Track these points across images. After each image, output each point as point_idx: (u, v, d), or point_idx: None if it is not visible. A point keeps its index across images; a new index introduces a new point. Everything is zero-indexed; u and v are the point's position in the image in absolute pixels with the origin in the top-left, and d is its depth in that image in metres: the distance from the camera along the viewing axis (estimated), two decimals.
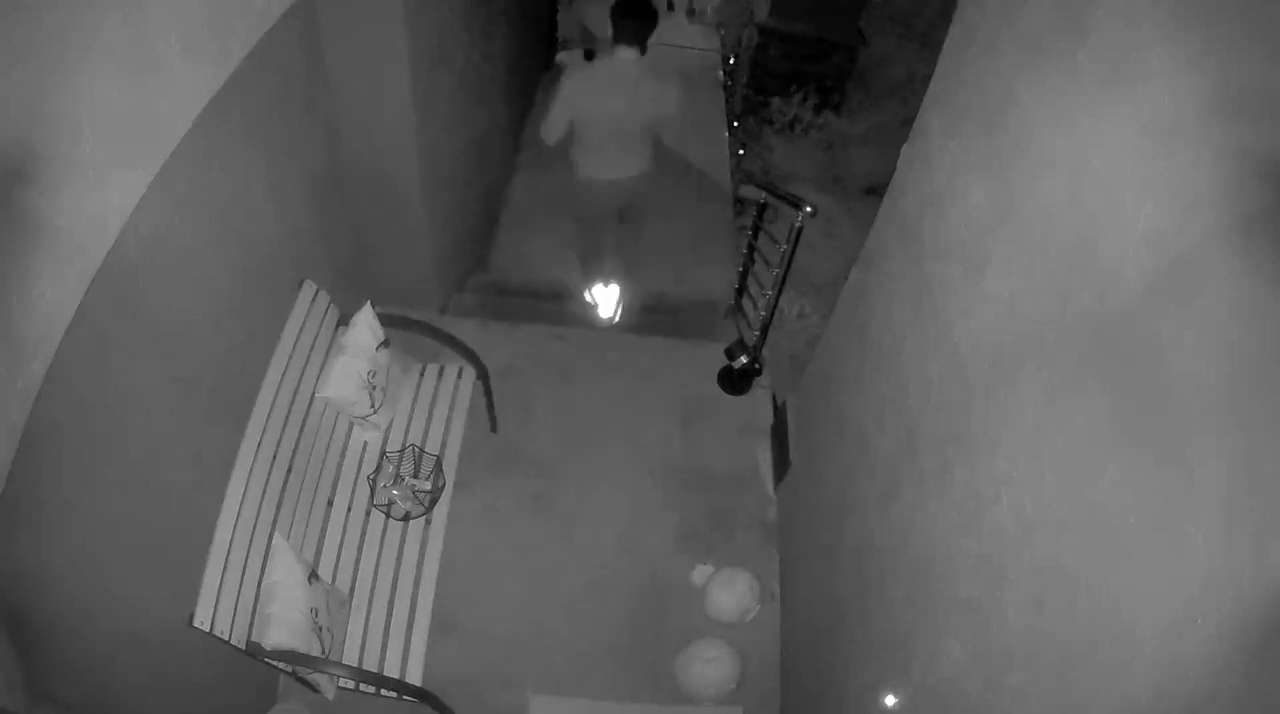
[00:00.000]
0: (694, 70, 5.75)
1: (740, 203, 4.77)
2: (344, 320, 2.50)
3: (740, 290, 3.55)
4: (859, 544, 2.02)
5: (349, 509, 2.39)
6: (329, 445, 2.42)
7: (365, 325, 2.41)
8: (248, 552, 1.97)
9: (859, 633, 1.93)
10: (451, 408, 2.63)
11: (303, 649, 1.93)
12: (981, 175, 1.56)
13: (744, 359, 3.20)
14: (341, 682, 2.12)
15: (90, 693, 1.56)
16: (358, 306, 2.44)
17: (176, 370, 1.74)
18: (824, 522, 2.38)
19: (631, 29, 2.75)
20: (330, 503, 2.37)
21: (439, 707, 2.13)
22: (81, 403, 1.41)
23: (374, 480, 2.45)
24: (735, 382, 3.30)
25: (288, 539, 2.08)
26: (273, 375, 2.17)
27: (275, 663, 1.94)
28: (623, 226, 3.37)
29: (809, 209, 2.70)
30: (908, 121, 2.01)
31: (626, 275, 3.57)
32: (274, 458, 2.12)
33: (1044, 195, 1.32)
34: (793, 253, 2.86)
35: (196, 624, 1.80)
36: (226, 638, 1.85)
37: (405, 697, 2.09)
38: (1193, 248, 0.96)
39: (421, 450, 2.52)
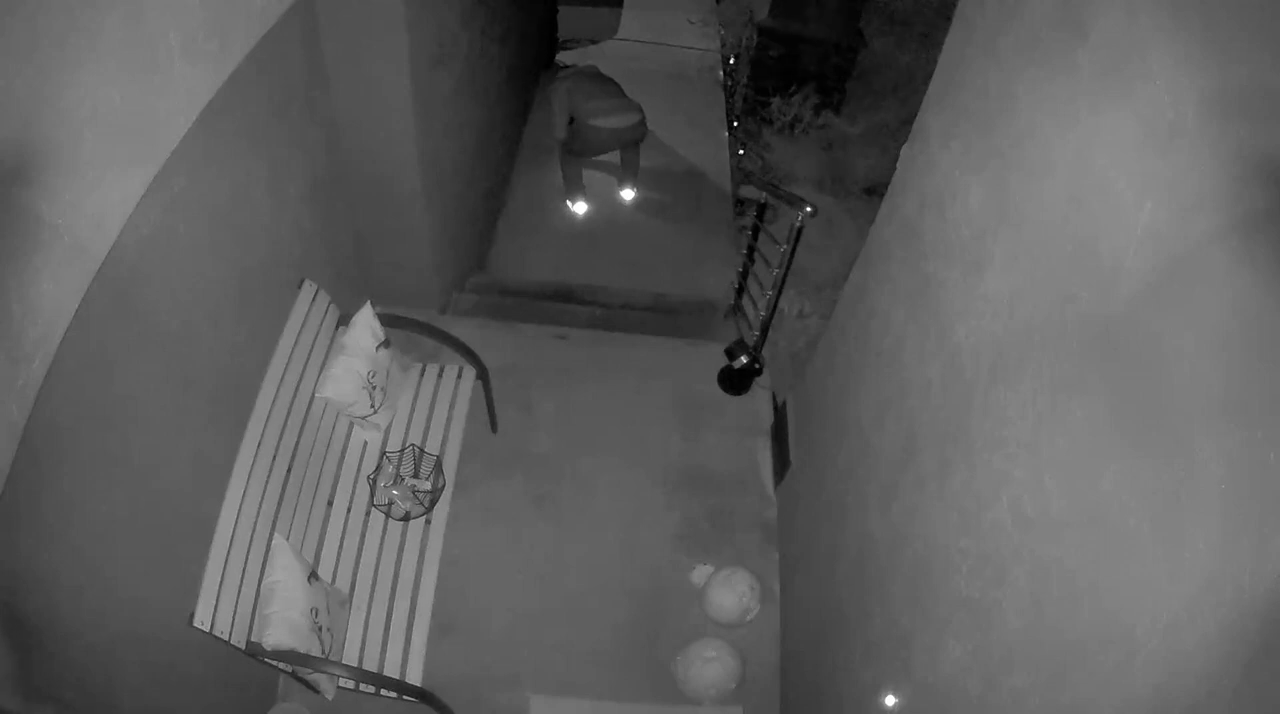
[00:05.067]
0: (694, 70, 5.75)
1: (740, 203, 4.77)
2: (344, 320, 2.50)
3: (740, 290, 3.55)
4: (859, 544, 2.02)
5: (349, 509, 2.39)
6: (329, 445, 2.42)
7: (365, 325, 2.41)
8: (248, 552, 1.97)
9: (859, 633, 1.93)
10: (451, 408, 2.63)
11: (303, 649, 1.93)
12: (981, 175, 1.56)
13: (744, 359, 3.20)
14: (341, 682, 2.12)
15: (90, 693, 1.56)
16: (358, 307, 2.44)
17: (176, 370, 1.74)
18: (824, 522, 2.38)
19: None
20: (330, 503, 2.37)
21: (439, 707, 2.13)
22: (81, 403, 1.41)
23: (374, 480, 2.45)
24: (735, 381, 3.30)
25: (288, 539, 2.08)
26: (273, 375, 2.17)
27: (275, 663, 1.94)
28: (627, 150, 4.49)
29: (809, 209, 2.70)
30: (908, 121, 2.01)
31: (634, 181, 4.65)
32: (274, 458, 2.12)
33: (1044, 195, 1.32)
34: (793, 253, 2.86)
35: (196, 624, 1.80)
36: (226, 638, 1.85)
37: (405, 697, 2.08)
38: (1193, 248, 0.96)
39: (421, 450, 2.52)
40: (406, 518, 2.40)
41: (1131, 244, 1.07)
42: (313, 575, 2.06)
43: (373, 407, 2.43)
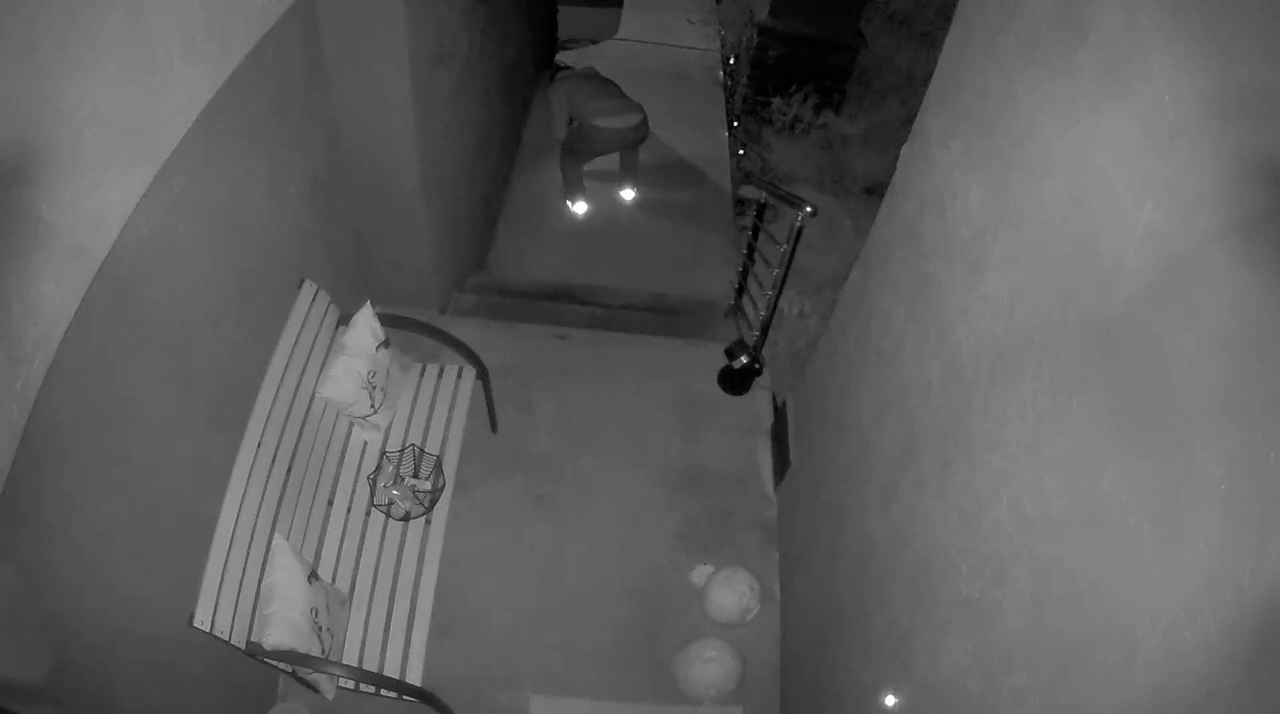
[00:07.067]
0: (694, 70, 5.75)
1: (740, 203, 4.77)
2: (344, 320, 2.50)
3: (740, 290, 3.56)
4: (859, 544, 2.02)
5: (349, 509, 2.39)
6: (329, 445, 2.42)
7: (365, 325, 2.41)
8: (248, 552, 1.97)
9: (859, 633, 1.93)
10: (451, 408, 2.63)
11: (303, 649, 1.93)
12: (981, 175, 1.56)
13: (744, 359, 3.20)
14: (341, 682, 2.12)
15: (90, 693, 1.56)
16: (358, 306, 2.44)
17: (177, 370, 1.74)
18: (824, 522, 2.38)
19: None
20: (330, 503, 2.37)
21: (439, 707, 2.13)
22: (82, 403, 1.41)
23: (374, 480, 2.45)
24: (735, 381, 3.30)
25: (288, 539, 2.08)
26: (273, 375, 2.17)
27: (275, 663, 1.94)
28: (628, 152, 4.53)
29: (809, 209, 2.70)
30: (908, 121, 2.01)
31: (634, 181, 4.67)
32: (274, 458, 2.12)
33: (1044, 195, 1.32)
34: (793, 253, 2.86)
35: (196, 624, 1.80)
36: (226, 638, 1.85)
37: (405, 697, 2.08)
38: (1193, 248, 0.96)
39: (421, 450, 2.52)
40: (406, 518, 2.40)
41: (1131, 244, 1.07)
42: (313, 575, 2.06)
43: (373, 406, 2.43)
